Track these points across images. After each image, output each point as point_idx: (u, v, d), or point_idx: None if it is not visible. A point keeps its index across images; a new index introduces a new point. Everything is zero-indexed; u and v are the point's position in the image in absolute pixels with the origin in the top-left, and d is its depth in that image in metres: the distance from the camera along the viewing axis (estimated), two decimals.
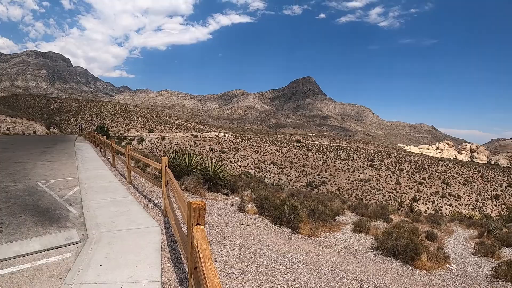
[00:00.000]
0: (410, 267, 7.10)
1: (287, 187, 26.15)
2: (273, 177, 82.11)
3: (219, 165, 12.21)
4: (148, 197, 8.74)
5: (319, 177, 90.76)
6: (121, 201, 7.79)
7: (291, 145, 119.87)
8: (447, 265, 7.81)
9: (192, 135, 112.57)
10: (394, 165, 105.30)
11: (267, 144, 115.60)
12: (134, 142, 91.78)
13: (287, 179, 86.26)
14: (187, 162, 11.53)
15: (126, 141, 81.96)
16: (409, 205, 28.36)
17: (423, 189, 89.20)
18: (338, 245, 8.08)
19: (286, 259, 5.63)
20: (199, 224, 2.91)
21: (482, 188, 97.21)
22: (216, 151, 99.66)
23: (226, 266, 4.88)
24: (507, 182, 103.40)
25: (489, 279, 7.40)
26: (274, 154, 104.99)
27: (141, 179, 11.05)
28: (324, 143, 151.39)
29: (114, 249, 4.91)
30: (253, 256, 5.47)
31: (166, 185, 6.89)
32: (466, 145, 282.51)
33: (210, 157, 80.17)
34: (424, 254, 7.12)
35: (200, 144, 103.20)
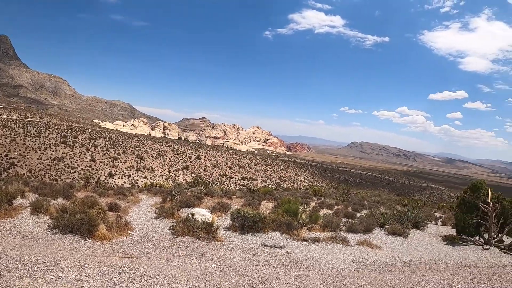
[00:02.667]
0: (90, 240, 7.09)
1: None
2: None
3: None
4: None
5: (7, 158, 76.12)
6: None
7: None
8: (129, 231, 8.32)
9: None
10: (88, 141, 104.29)
11: None
12: None
13: None
14: None
15: None
16: (96, 180, 28.67)
17: (118, 164, 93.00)
18: (13, 231, 7.16)
19: None
20: None
21: (173, 160, 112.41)
22: None
23: None
24: (195, 154, 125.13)
25: (169, 237, 8.46)
26: None
27: None
28: (13, 117, 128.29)
29: None
30: None
31: None
32: (160, 122, 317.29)
33: None
34: (102, 225, 7.27)
35: None
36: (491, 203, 13.23)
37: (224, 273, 5.99)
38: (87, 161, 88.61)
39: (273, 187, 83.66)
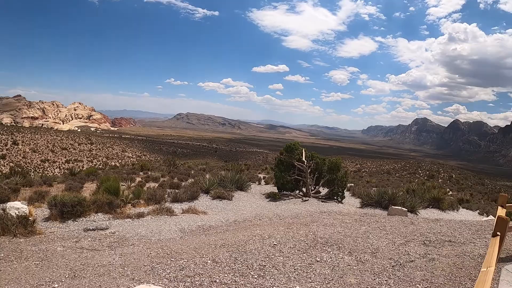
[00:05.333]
0: None
1: None
2: None
3: None
4: None
5: None
6: None
7: None
8: None
9: None
10: None
11: None
12: None
13: None
14: None
15: None
16: None
17: None
18: None
19: None
20: None
21: None
22: None
23: None
24: (12, 140, 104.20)
25: None
26: None
27: None
28: None
29: None
30: None
31: None
32: None
33: None
34: None
35: None
36: (305, 161, 15.32)
37: (46, 268, 5.58)
38: None
39: (100, 166, 79.37)
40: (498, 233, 3.96)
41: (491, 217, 13.39)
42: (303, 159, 15.46)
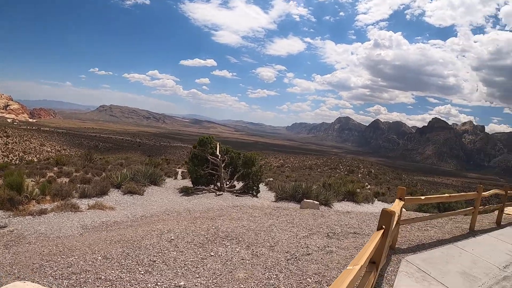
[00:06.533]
0: None
1: None
2: None
3: None
4: None
5: None
6: None
7: None
8: None
9: None
10: None
11: None
12: None
13: None
14: None
15: None
16: None
17: None
18: None
19: None
20: None
21: None
22: None
23: None
24: None
25: None
26: None
27: None
28: None
29: None
30: None
31: None
32: None
33: None
34: None
35: None
36: (219, 155, 14.81)
37: None
38: None
39: (16, 161, 72.63)
40: (383, 226, 3.72)
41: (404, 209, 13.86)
42: (217, 153, 14.98)
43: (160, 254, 5.54)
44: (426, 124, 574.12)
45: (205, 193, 14.38)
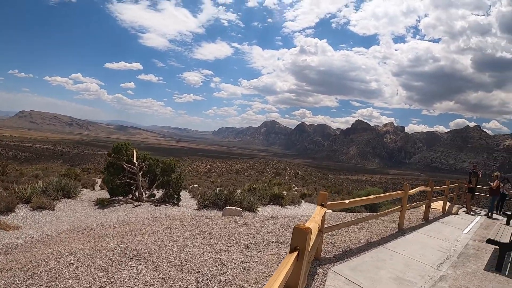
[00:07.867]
0: None
1: None
2: None
3: None
4: None
5: None
6: None
7: None
8: None
9: None
10: None
11: None
12: None
13: None
14: None
15: None
16: None
17: None
18: None
19: None
20: None
21: None
22: None
23: None
24: None
25: None
26: None
27: None
28: None
29: None
30: None
31: None
32: None
33: None
34: None
35: None
36: (136, 162, 13.80)
37: None
38: None
39: None
40: (297, 247, 2.84)
41: (330, 210, 12.87)
42: (134, 160, 13.98)
43: (54, 283, 4.79)
44: (349, 126, 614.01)
45: (122, 204, 13.30)
